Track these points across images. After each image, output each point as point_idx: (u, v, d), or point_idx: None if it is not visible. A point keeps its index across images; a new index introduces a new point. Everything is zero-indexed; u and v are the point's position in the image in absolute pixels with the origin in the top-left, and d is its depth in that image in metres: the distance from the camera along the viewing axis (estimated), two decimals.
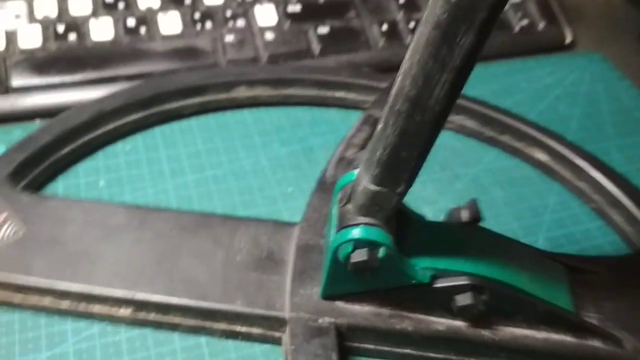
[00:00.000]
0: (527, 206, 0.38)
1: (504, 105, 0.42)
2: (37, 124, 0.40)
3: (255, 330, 0.30)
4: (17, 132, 0.38)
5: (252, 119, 0.42)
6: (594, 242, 0.36)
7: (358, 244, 0.26)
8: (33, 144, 0.36)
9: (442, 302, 0.28)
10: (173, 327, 0.30)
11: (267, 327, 0.30)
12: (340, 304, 0.29)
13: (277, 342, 0.30)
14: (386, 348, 0.30)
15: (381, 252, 0.26)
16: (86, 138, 0.38)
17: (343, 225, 0.26)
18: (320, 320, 0.29)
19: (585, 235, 0.37)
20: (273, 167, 0.39)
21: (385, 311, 0.29)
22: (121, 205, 0.33)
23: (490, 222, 0.33)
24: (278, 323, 0.29)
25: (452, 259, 0.28)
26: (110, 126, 0.39)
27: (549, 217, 0.37)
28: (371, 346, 0.30)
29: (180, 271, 0.30)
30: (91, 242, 0.31)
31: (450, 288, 0.28)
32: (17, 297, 0.30)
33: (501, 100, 0.43)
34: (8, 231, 0.31)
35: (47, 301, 0.30)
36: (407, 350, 0.30)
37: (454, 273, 0.28)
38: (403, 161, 0.22)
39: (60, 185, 0.37)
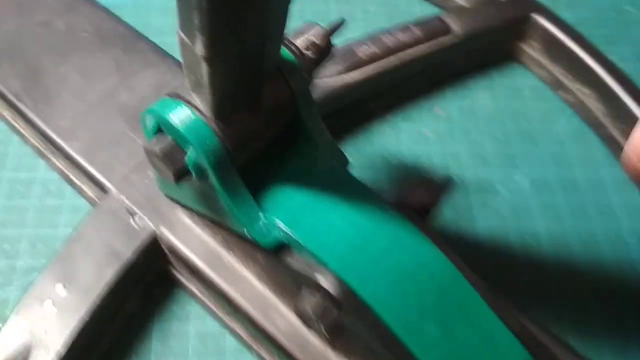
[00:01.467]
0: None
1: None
2: None
3: (87, 190, 0.22)
4: None
5: None
6: None
7: (164, 125, 0.16)
8: None
9: (293, 289, 0.18)
10: (21, 137, 0.24)
11: (95, 193, 0.22)
12: (179, 214, 0.20)
13: None
14: (211, 306, 0.20)
15: (189, 153, 0.16)
16: None
17: (167, 93, 0.16)
18: (138, 216, 0.20)
19: None
20: None
21: (225, 256, 0.19)
22: None
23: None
24: (104, 193, 0.21)
25: (324, 236, 0.16)
26: None
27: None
28: (195, 291, 0.20)
29: (51, 79, 0.23)
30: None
31: (297, 274, 0.17)
32: None
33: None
34: None
35: None
36: (234, 327, 0.20)
37: (314, 256, 0.16)
38: None
39: None
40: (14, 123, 0.24)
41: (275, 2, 0.12)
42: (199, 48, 0.13)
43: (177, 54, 0.24)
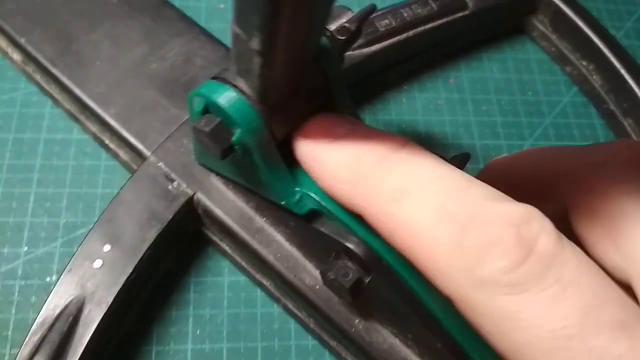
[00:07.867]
0: None
1: None
2: None
3: (122, 154, 0.24)
4: None
5: None
6: None
7: (212, 107, 0.17)
8: None
9: (319, 251, 0.20)
10: (54, 100, 0.25)
11: (130, 157, 0.23)
12: (214, 181, 0.21)
13: None
14: (243, 263, 0.22)
15: (236, 134, 0.17)
16: None
17: (213, 76, 0.17)
18: (175, 183, 0.21)
19: None
20: None
21: (258, 220, 0.21)
22: None
23: None
24: (139, 158, 0.22)
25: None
26: None
27: None
28: (228, 250, 0.22)
29: (83, 46, 0.24)
30: None
31: (328, 239, 0.18)
32: None
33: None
34: None
35: None
36: (264, 282, 0.22)
37: (344, 225, 0.18)
38: None
39: None
40: (47, 88, 0.25)
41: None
42: (255, 44, 0.14)
43: (201, 21, 0.25)
